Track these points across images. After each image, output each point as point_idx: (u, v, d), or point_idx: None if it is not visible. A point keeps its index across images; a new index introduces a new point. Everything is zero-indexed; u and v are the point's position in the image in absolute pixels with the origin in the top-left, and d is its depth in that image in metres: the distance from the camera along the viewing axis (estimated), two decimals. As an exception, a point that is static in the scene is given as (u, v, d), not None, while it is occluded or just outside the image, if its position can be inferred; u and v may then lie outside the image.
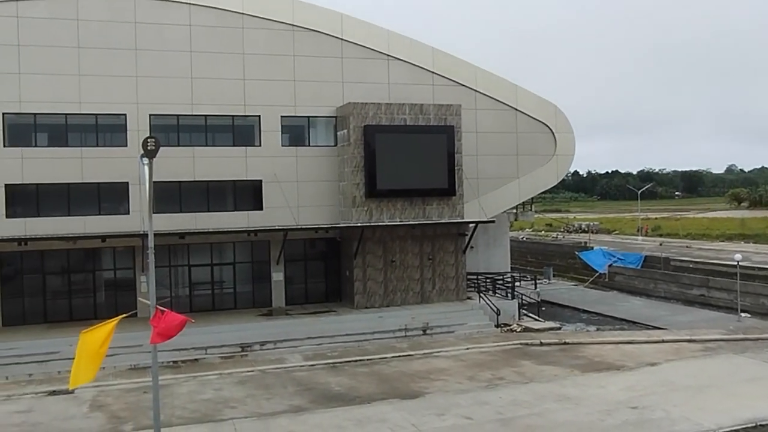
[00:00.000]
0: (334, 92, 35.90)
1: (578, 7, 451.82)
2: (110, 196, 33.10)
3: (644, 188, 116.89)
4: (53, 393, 25.06)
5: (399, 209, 35.32)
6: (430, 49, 37.73)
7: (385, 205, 35.08)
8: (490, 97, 38.81)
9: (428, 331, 32.94)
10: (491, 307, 35.10)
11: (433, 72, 37.58)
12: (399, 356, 29.56)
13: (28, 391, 25.49)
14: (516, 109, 39.45)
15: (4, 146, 31.62)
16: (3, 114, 31.56)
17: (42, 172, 32.00)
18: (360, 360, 29.01)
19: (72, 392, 24.71)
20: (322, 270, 37.33)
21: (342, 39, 36.10)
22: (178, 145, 33.59)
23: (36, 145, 32.54)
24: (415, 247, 36.14)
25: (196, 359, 29.07)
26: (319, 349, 30.65)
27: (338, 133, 35.98)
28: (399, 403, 23.18)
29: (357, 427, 20.82)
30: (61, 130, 32.83)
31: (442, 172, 35.68)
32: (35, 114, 32.21)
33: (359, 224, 34.27)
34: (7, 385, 26.30)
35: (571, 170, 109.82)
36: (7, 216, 31.60)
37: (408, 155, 34.87)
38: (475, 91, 38.45)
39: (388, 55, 36.85)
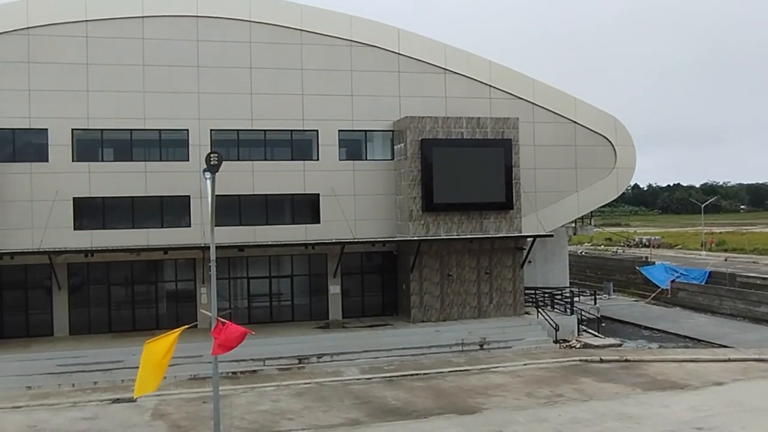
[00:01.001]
0: (391, 106, 36.09)
1: (638, 14, 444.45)
2: (172, 209, 33.90)
3: (708, 202, 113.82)
4: (117, 401, 25.68)
5: (456, 223, 35.19)
6: (487, 62, 37.63)
7: (442, 219, 34.99)
8: (548, 109, 38.45)
9: (485, 346, 32.63)
10: (550, 323, 34.56)
11: (490, 85, 37.44)
12: (456, 371, 29.34)
13: (93, 398, 26.18)
14: (575, 122, 38.96)
15: (73, 161, 32.73)
16: (72, 130, 32.70)
17: (108, 185, 33.00)
18: (416, 374, 28.92)
19: (135, 401, 25.28)
20: (378, 283, 37.40)
21: (399, 53, 36.31)
22: (238, 160, 34.24)
23: (102, 160, 33.58)
24: (472, 261, 35.91)
25: (254, 370, 29.42)
26: (375, 362, 30.66)
27: (395, 147, 36.12)
28: (456, 418, 22.98)
29: (414, 442, 20.74)
30: (126, 145, 33.82)
31: (499, 186, 35.43)
32: (102, 130, 33.28)
33: (416, 238, 34.26)
34: (74, 392, 27.08)
35: (631, 183, 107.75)
36: (75, 228, 32.65)
37: (465, 169, 34.76)
38: (533, 103, 38.14)
39: (444, 68, 36.89)
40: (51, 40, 32.36)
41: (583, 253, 74.35)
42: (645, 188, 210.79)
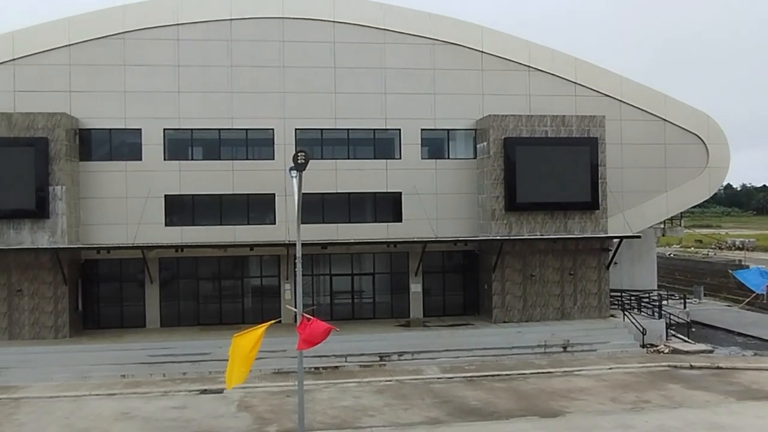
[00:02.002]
0: (473, 105, 35.87)
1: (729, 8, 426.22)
2: (258, 207, 34.73)
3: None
4: (204, 392, 26.52)
5: (539, 223, 34.66)
6: (573, 59, 36.89)
7: (525, 219, 34.53)
8: (636, 107, 37.37)
9: (568, 349, 32.02)
10: (636, 326, 33.58)
11: (575, 82, 36.70)
12: (538, 373, 28.93)
13: (182, 388, 27.12)
14: (664, 120, 37.73)
15: (164, 159, 33.98)
16: (164, 129, 33.94)
17: (197, 183, 34.10)
18: (497, 375, 28.66)
19: (221, 392, 26.09)
20: (459, 282, 37.25)
21: (482, 51, 36.04)
22: (322, 158, 34.75)
23: (192, 159, 34.71)
24: (555, 261, 35.29)
25: (336, 366, 29.82)
26: (456, 361, 30.57)
27: (478, 145, 35.87)
28: (538, 421, 22.65)
29: (495, 443, 20.55)
30: (214, 145, 34.86)
31: (584, 185, 34.67)
32: (192, 129, 34.40)
33: (498, 237, 33.94)
34: (164, 382, 28.13)
35: (724, 183, 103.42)
36: (166, 224, 33.90)
37: (549, 168, 34.18)
38: (620, 101, 37.15)
39: (528, 66, 36.38)
40: (144, 43, 33.68)
41: (671, 255, 71.89)
42: (738, 188, 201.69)
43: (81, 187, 33.27)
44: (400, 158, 35.57)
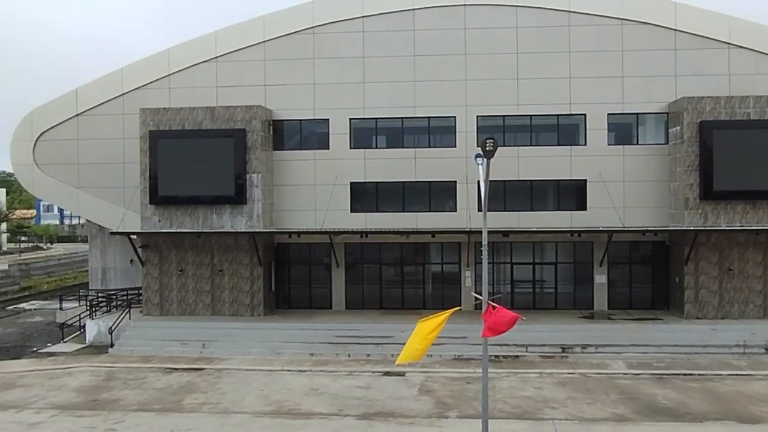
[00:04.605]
0: (665, 87, 33.83)
1: None
2: (439, 194, 35.09)
3: None
4: (387, 374, 27.34)
5: (739, 213, 32.08)
6: (781, 33, 33.66)
7: (723, 208, 32.11)
8: None
9: (772, 350, 29.50)
10: None
11: (784, 59, 33.47)
12: (736, 374, 26.89)
13: (366, 369, 28.13)
14: None
15: (350, 148, 35.26)
16: (350, 119, 35.20)
17: (380, 171, 35.07)
18: (689, 374, 27.00)
19: (403, 375, 26.77)
20: (647, 275, 35.44)
21: (675, 29, 33.83)
22: (504, 145, 34.31)
23: (376, 147, 35.73)
24: (757, 255, 32.53)
25: (516, 356, 29.54)
26: (643, 357, 29.18)
27: (670, 130, 33.82)
28: (736, 426, 21.07)
29: (687, 446, 19.42)
30: (397, 133, 35.63)
31: (793, 172, 31.60)
32: (376, 119, 35.38)
33: (692, 228, 31.85)
34: (349, 362, 29.34)
35: None
36: (352, 211, 35.21)
37: (751, 153, 31.48)
38: (838, 78, 33.38)
39: (728, 43, 33.63)
40: (332, 37, 35.06)
41: None
42: None
43: (274, 174, 35.39)
44: (585, 144, 34.36)
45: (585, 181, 34.20)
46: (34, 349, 34.65)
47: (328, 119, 35.29)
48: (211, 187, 33.76)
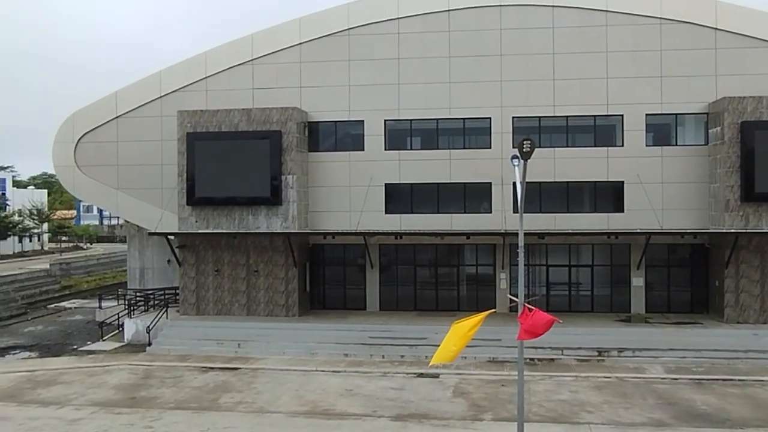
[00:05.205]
0: (705, 87, 33.24)
1: None
2: (474, 196, 34.94)
3: None
4: (421, 375, 27.29)
5: (782, 215, 31.41)
6: (827, 30, 32.84)
7: (765, 210, 31.43)
8: None
9: (816, 356, 28.77)
10: None
11: (830, 58, 32.67)
12: (778, 380, 26.33)
13: (400, 370, 28.13)
14: None
15: (385, 149, 35.30)
16: (384, 121, 35.25)
17: (415, 172, 35.04)
18: (730, 379, 26.46)
19: (437, 377, 26.71)
20: (686, 278, 34.85)
21: (715, 28, 33.23)
22: (540, 147, 34.02)
23: (411, 148, 35.71)
24: (800, 258, 31.84)
25: (552, 359, 29.27)
26: (682, 362, 28.68)
27: (710, 130, 33.23)
28: (779, 432, 20.66)
29: (728, 452, 19.03)
30: (432, 134, 35.57)
31: (839, 174, 30.81)
32: (411, 120, 35.38)
33: (733, 230, 31.24)
34: (383, 363, 29.37)
35: None
36: (386, 212, 35.24)
37: (795, 154, 30.79)
38: None
39: (771, 41, 32.97)
40: (367, 38, 35.14)
41: None
42: None
43: (309, 176, 35.59)
44: (623, 145, 33.92)
45: (622, 182, 33.77)
46: (75, 346, 35.35)
47: (363, 121, 35.38)
48: (247, 188, 34.07)
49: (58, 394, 25.48)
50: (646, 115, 33.70)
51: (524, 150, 13.20)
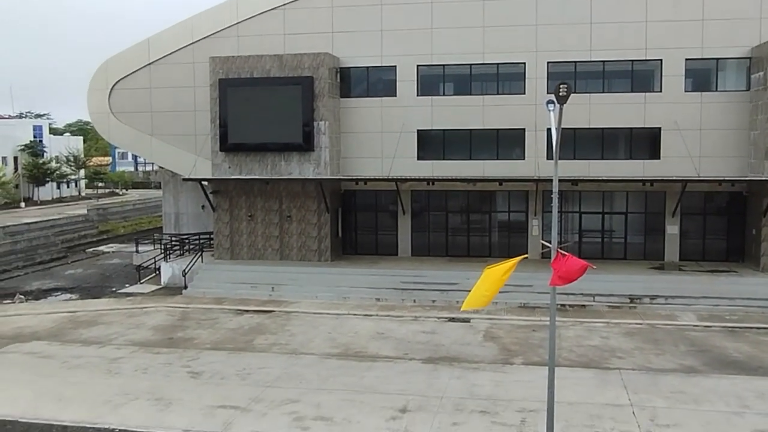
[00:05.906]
0: (749, 30, 32.16)
1: None
2: (507, 142, 34.58)
3: None
4: (452, 320, 27.59)
5: (824, 162, 30.68)
6: None
7: (806, 158, 30.77)
8: None
9: None
10: None
11: None
12: (813, 329, 26.12)
13: (432, 315, 28.45)
14: None
15: (417, 95, 34.96)
16: (417, 66, 34.82)
17: (448, 118, 34.73)
18: (764, 328, 26.33)
19: (468, 321, 26.97)
20: (722, 226, 34.37)
21: (763, -33, 32.02)
22: (575, 92, 33.31)
23: (443, 94, 35.33)
24: (841, 206, 31.18)
25: (583, 305, 29.33)
26: (715, 310, 28.54)
27: (752, 76, 32.30)
28: (812, 380, 20.56)
29: (759, 400, 18.97)
30: (465, 80, 35.10)
31: None
32: (444, 65, 34.90)
33: (772, 178, 30.66)
34: (414, 308, 29.70)
35: None
36: (418, 158, 35.10)
37: (840, 100, 29.88)
38: None
39: (824, -20, 31.68)
40: (401, -19, 34.52)
41: None
42: None
43: (341, 122, 35.50)
44: (660, 91, 33.17)
45: (659, 129, 33.14)
46: (113, 289, 36.26)
47: (395, 66, 34.98)
48: (280, 134, 34.14)
49: (98, 334, 26.28)
50: (686, 59, 32.79)
51: (560, 94, 13.02)
